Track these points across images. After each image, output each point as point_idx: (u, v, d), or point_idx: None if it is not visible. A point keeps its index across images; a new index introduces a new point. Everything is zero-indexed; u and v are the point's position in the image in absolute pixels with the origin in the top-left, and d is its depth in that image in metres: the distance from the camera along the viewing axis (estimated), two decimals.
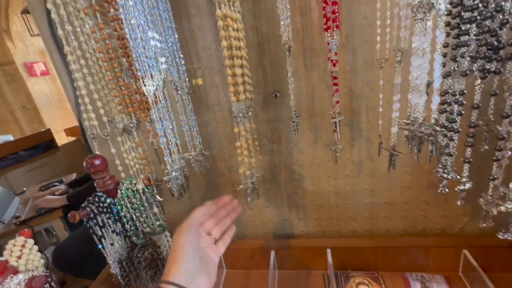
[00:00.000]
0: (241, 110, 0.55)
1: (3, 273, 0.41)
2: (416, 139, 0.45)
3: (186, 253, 0.39)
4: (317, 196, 0.79)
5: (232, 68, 0.51)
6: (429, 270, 0.74)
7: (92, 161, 0.56)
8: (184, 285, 0.35)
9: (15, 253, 0.48)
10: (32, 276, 0.40)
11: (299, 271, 0.82)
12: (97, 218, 0.57)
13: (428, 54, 0.38)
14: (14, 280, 0.40)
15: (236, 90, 0.54)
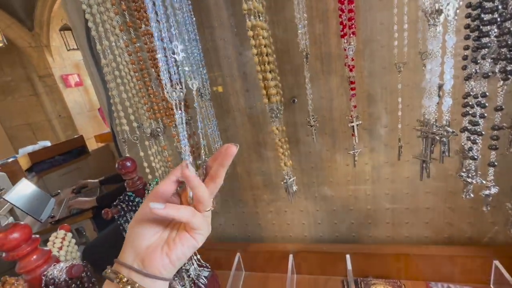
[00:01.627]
0: (274, 111, 0.58)
1: (47, 261, 0.46)
2: (428, 140, 0.44)
3: (136, 234, 0.31)
4: (336, 200, 0.79)
5: (263, 73, 0.54)
6: (457, 281, 0.71)
7: (123, 162, 0.61)
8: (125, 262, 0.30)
9: (56, 244, 0.53)
10: (72, 265, 0.45)
11: (318, 276, 0.82)
12: (126, 216, 0.62)
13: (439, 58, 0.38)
14: (57, 268, 0.45)
15: (268, 93, 0.57)
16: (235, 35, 0.69)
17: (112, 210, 0.59)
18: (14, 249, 0.43)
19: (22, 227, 0.44)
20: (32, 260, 0.45)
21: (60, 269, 0.45)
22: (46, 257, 0.47)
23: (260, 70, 0.56)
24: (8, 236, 0.42)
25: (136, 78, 0.62)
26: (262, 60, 0.54)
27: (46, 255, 0.47)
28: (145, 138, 0.69)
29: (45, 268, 0.46)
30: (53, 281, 0.44)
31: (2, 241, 0.42)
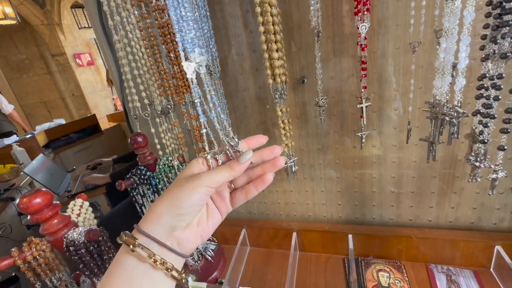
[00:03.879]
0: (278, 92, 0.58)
1: (67, 225, 0.50)
2: (437, 121, 0.44)
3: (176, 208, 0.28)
4: (341, 182, 0.80)
5: (269, 52, 0.54)
6: (457, 264, 0.72)
7: (135, 138, 0.63)
8: (158, 238, 0.28)
9: (75, 211, 0.57)
10: (90, 229, 0.48)
11: (320, 254, 0.85)
12: (138, 188, 0.65)
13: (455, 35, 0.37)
14: (76, 231, 0.49)
15: (274, 73, 0.56)
16: (246, 12, 0.67)
17: (125, 182, 0.62)
18: (37, 213, 0.47)
19: (44, 193, 0.47)
20: (54, 224, 0.49)
21: (79, 232, 0.49)
22: (66, 222, 0.51)
23: (267, 48, 0.55)
24: (31, 201, 0.46)
25: (147, 54, 0.62)
26: (269, 39, 0.54)
27: (66, 220, 0.51)
28: (156, 115, 0.71)
29: (66, 231, 0.50)
30: (73, 243, 0.48)
31: (26, 205, 0.45)
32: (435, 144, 0.49)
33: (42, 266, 0.49)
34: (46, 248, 0.49)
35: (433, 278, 0.71)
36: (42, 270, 0.49)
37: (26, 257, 0.47)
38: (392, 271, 0.74)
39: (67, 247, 0.48)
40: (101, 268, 0.51)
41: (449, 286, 0.68)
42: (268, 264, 0.85)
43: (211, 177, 0.29)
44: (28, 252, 0.47)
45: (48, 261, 0.50)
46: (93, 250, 0.49)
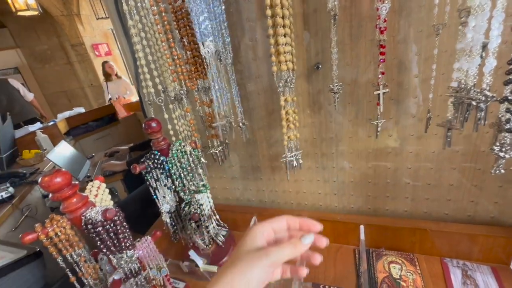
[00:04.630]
0: (282, 80, 0.57)
1: (86, 205, 0.53)
2: (463, 106, 0.41)
3: None
4: (355, 172, 0.78)
5: (274, 37, 0.53)
6: (474, 259, 0.70)
7: (149, 123, 0.65)
8: None
9: (93, 192, 0.60)
10: (106, 208, 0.50)
11: (330, 244, 0.83)
12: (152, 172, 0.67)
13: (487, 11, 0.34)
14: (94, 210, 0.51)
15: (278, 60, 0.55)
16: None
17: (140, 166, 0.64)
18: (57, 191, 0.49)
19: (64, 173, 0.50)
20: (73, 202, 0.51)
21: (97, 211, 0.51)
22: (85, 201, 0.53)
23: (273, 33, 0.54)
24: (52, 180, 0.48)
25: (161, 39, 0.63)
26: (276, 22, 0.52)
27: (84, 199, 0.53)
28: (170, 101, 0.72)
29: (84, 210, 0.52)
30: (90, 221, 0.50)
31: (47, 183, 0.48)
32: (452, 129, 0.46)
33: (63, 242, 0.52)
34: (66, 225, 0.51)
35: (447, 272, 0.69)
36: (63, 246, 0.52)
37: (48, 233, 0.50)
38: (404, 263, 0.73)
39: (86, 225, 0.51)
40: (117, 246, 0.53)
41: (464, 281, 0.66)
42: None
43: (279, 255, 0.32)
44: (50, 228, 0.50)
45: (68, 238, 0.52)
46: (110, 229, 0.51)
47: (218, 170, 0.97)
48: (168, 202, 0.72)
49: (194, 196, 0.74)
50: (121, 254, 0.55)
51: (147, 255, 0.63)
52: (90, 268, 0.58)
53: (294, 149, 0.65)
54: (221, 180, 0.99)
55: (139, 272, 0.59)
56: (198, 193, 0.73)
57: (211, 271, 0.75)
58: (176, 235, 0.80)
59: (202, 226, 0.77)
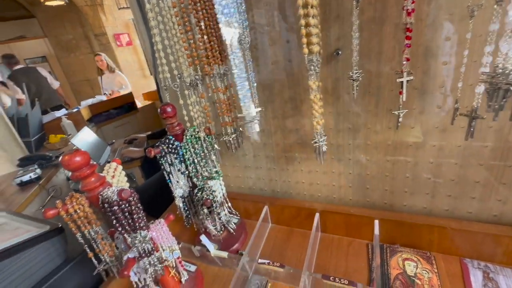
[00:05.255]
0: (313, 63, 0.55)
1: (103, 184, 0.54)
2: (499, 92, 0.38)
3: None
4: (372, 165, 0.75)
5: (306, 18, 0.51)
6: (497, 262, 0.66)
7: (164, 107, 0.65)
8: None
9: (110, 173, 0.62)
10: (122, 189, 0.52)
11: (342, 237, 0.83)
12: (167, 157, 0.68)
13: None
14: (110, 190, 0.53)
15: (309, 42, 0.53)
16: None
17: (155, 149, 0.65)
18: (77, 170, 0.51)
19: (83, 153, 0.51)
20: (91, 181, 0.53)
21: (113, 191, 0.53)
22: (102, 181, 0.55)
23: (303, 15, 0.52)
24: (72, 159, 0.50)
25: (177, 23, 0.62)
26: (305, 2, 0.50)
27: (102, 179, 0.55)
28: (185, 87, 0.72)
29: (101, 190, 0.54)
30: (107, 200, 0.52)
31: (68, 162, 0.50)
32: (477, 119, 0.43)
33: (82, 219, 0.55)
34: (84, 203, 0.53)
35: (466, 273, 0.65)
36: (81, 223, 0.55)
37: (68, 209, 0.52)
38: (420, 261, 0.70)
39: (102, 203, 0.53)
40: (131, 225, 0.55)
41: (486, 283, 0.63)
42: (288, 242, 0.86)
43: None
44: (70, 205, 0.53)
45: (87, 215, 0.55)
46: (125, 208, 0.53)
47: (231, 158, 0.97)
48: (181, 187, 0.73)
49: (207, 182, 0.75)
50: (135, 234, 0.57)
51: (160, 236, 0.65)
52: (107, 246, 0.60)
53: (322, 134, 0.64)
54: (234, 169, 0.99)
55: (152, 252, 0.60)
56: (211, 180, 0.74)
57: (222, 257, 0.76)
58: (188, 220, 0.81)
59: (214, 213, 0.78)
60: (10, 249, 0.60)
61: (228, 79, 0.70)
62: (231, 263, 0.79)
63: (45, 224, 0.72)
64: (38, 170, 1.71)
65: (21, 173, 1.66)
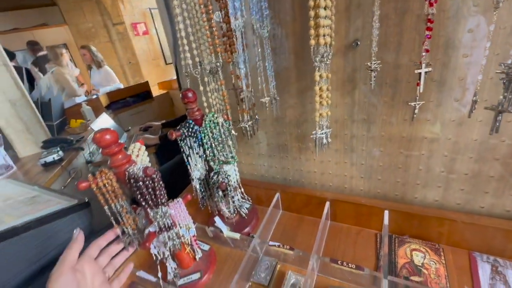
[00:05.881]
0: (319, 55, 0.56)
1: (129, 162, 0.59)
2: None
3: None
4: (384, 156, 0.76)
5: (316, 9, 0.52)
6: (508, 256, 0.66)
7: (186, 93, 0.68)
8: None
9: (134, 153, 0.66)
10: (147, 166, 0.56)
11: (351, 226, 0.85)
12: (186, 140, 0.71)
13: None
14: (136, 167, 0.57)
15: (317, 34, 0.54)
16: None
17: (176, 132, 0.69)
18: (107, 147, 0.55)
19: (112, 131, 0.55)
20: (119, 158, 0.57)
21: (138, 168, 0.57)
22: (128, 159, 0.59)
23: (314, 5, 0.53)
24: (103, 136, 0.54)
25: (201, 11, 0.64)
26: None
27: (128, 157, 0.59)
28: (205, 74, 0.75)
29: (128, 167, 0.58)
30: (133, 176, 0.56)
31: (99, 139, 0.54)
32: (504, 113, 0.43)
33: (110, 192, 0.59)
34: (112, 178, 0.58)
35: (475, 266, 0.66)
36: (109, 196, 0.59)
37: (98, 183, 0.57)
38: (428, 252, 0.71)
39: (128, 179, 0.57)
40: (154, 200, 0.59)
41: (493, 276, 0.64)
42: (298, 229, 0.89)
43: None
44: (100, 179, 0.57)
45: (114, 189, 0.59)
46: (148, 185, 0.57)
47: (245, 146, 1.00)
48: (198, 169, 0.77)
49: (223, 166, 0.78)
50: (157, 209, 0.61)
51: (178, 214, 0.69)
52: (130, 219, 0.65)
53: (324, 127, 0.65)
54: (248, 156, 1.02)
55: (172, 227, 0.65)
56: (227, 164, 0.77)
57: (234, 238, 0.80)
58: (203, 202, 0.85)
59: (228, 196, 0.82)
60: (44, 218, 0.66)
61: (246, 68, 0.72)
62: (242, 245, 0.83)
63: (73, 198, 0.77)
64: (61, 152, 1.81)
65: (45, 155, 1.76)
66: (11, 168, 1.73)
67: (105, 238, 0.52)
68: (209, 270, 0.77)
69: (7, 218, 0.66)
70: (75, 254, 0.44)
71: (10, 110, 1.90)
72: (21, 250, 0.64)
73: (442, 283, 0.64)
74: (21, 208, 0.71)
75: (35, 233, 0.66)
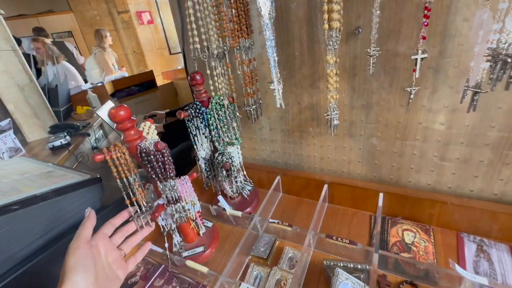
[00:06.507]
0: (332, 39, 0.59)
1: (140, 138, 0.63)
2: (497, 64, 0.42)
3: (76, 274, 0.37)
4: (381, 141, 0.80)
5: None
6: (493, 237, 0.71)
7: (194, 75, 0.72)
8: None
9: (145, 130, 0.70)
10: (157, 141, 0.60)
11: (348, 208, 0.89)
12: (193, 120, 0.75)
13: None
14: (147, 142, 0.61)
15: (330, 18, 0.57)
16: None
17: (184, 112, 0.73)
18: (121, 122, 0.59)
19: (126, 108, 0.59)
20: (132, 134, 0.61)
21: (150, 143, 0.61)
22: (140, 134, 0.63)
23: None
24: (117, 112, 0.58)
25: None
26: None
27: (140, 133, 0.63)
28: (212, 59, 0.78)
29: (139, 142, 0.62)
30: (144, 150, 0.60)
31: (114, 114, 0.58)
32: (479, 93, 0.47)
33: (122, 166, 0.63)
34: (125, 151, 0.62)
35: (461, 245, 0.71)
36: (122, 169, 0.64)
37: (112, 155, 0.61)
38: (419, 232, 0.76)
39: (140, 153, 0.61)
40: (163, 173, 0.64)
41: (478, 254, 0.68)
42: (297, 210, 0.93)
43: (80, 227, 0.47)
44: (114, 152, 0.61)
45: (127, 163, 0.63)
46: (159, 158, 0.61)
47: (249, 131, 1.04)
48: (204, 149, 0.81)
49: (227, 148, 0.82)
50: (165, 182, 0.65)
51: (184, 190, 0.74)
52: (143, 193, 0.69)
53: (334, 109, 0.68)
54: (251, 141, 1.06)
55: (178, 200, 0.69)
56: (231, 145, 0.81)
57: (236, 215, 0.85)
58: (208, 182, 0.90)
59: (232, 175, 0.86)
60: (60, 189, 0.71)
61: (252, 53, 0.76)
62: (243, 223, 0.88)
63: (86, 174, 0.82)
64: (68, 137, 1.86)
65: (53, 139, 1.81)
66: (20, 151, 1.78)
67: (119, 217, 0.53)
68: (212, 244, 0.82)
69: (25, 189, 0.70)
70: (89, 230, 0.45)
71: (19, 95, 1.94)
72: (36, 220, 0.68)
73: (430, 259, 0.69)
74: (38, 181, 0.76)
75: (51, 203, 0.71)
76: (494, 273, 0.63)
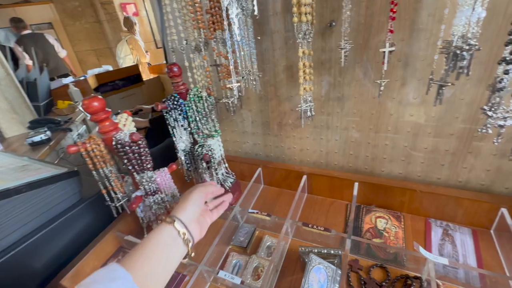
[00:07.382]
0: (302, 32, 0.60)
1: (116, 129, 0.63)
2: (450, 56, 0.44)
3: (193, 205, 0.51)
4: (356, 133, 0.83)
5: None
6: (458, 222, 0.75)
7: (171, 67, 0.72)
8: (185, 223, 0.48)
9: (121, 122, 0.70)
10: (133, 132, 0.60)
11: (326, 198, 0.92)
12: (172, 112, 0.75)
13: None
14: (123, 133, 0.61)
15: (299, 11, 0.58)
16: None
17: (161, 104, 0.73)
18: (95, 113, 0.59)
19: (100, 99, 0.59)
20: (107, 125, 0.61)
21: (125, 134, 0.61)
22: (115, 126, 0.63)
23: None
24: (91, 103, 0.58)
25: None
26: None
27: (115, 125, 0.63)
28: (190, 51, 0.78)
29: (115, 133, 0.62)
30: (120, 141, 0.61)
31: (87, 105, 0.58)
32: (445, 85, 0.50)
33: (98, 157, 0.63)
34: (100, 143, 0.62)
35: (429, 230, 0.75)
36: (97, 161, 0.64)
37: (86, 147, 0.61)
38: (391, 218, 0.80)
39: (116, 144, 0.61)
40: (140, 165, 0.64)
41: (443, 238, 0.72)
42: (277, 201, 0.96)
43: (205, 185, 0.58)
44: (88, 144, 0.61)
45: (102, 154, 0.63)
46: (135, 150, 0.61)
47: (230, 124, 1.04)
48: (183, 141, 0.82)
49: (207, 140, 0.83)
50: (142, 174, 0.66)
51: (164, 182, 0.74)
52: (119, 184, 0.70)
53: (308, 101, 0.70)
54: (232, 134, 1.07)
55: (157, 192, 0.70)
56: (211, 138, 0.82)
57: None
58: (189, 174, 0.91)
59: (212, 168, 0.87)
60: (35, 182, 0.70)
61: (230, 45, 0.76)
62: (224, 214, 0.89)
63: (63, 167, 0.81)
64: (48, 133, 1.80)
65: (32, 134, 1.76)
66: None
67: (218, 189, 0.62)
68: None
69: None
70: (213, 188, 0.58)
71: None
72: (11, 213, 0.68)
73: (399, 244, 0.72)
74: (12, 174, 0.75)
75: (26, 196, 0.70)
76: (456, 254, 0.68)
